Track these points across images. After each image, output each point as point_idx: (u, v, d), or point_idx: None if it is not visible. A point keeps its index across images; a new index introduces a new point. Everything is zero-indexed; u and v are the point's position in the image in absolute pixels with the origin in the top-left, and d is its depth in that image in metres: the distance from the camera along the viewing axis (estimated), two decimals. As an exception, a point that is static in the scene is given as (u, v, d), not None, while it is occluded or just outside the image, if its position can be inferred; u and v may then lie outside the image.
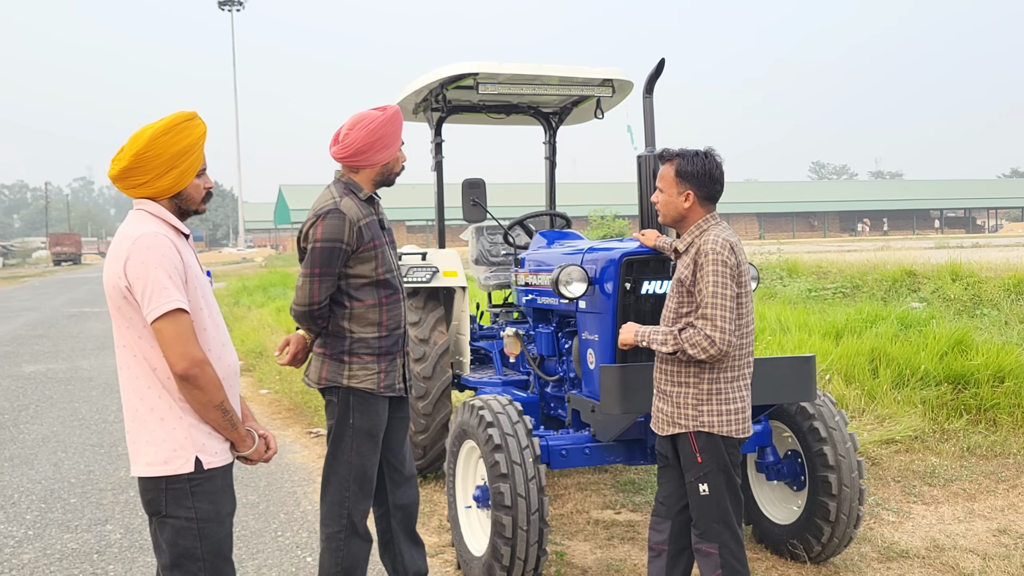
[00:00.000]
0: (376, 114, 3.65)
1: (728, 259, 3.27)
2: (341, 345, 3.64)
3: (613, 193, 53.75)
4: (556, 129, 6.71)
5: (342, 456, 3.67)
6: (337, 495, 3.68)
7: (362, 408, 3.64)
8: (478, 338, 6.47)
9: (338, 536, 3.68)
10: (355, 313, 3.62)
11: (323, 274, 3.53)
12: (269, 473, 6.51)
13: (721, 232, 3.36)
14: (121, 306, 2.62)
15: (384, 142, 3.64)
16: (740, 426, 3.38)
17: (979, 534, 4.99)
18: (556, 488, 5.90)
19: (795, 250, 22.72)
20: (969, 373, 7.26)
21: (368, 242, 3.59)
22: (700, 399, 3.36)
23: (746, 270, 3.38)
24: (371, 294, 3.63)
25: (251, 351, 12.49)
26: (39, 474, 6.66)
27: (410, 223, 67.20)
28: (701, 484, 3.40)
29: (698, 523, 3.45)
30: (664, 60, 4.23)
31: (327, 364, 3.67)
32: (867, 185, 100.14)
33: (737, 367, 3.38)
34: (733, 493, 3.42)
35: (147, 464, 2.65)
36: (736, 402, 3.37)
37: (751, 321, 3.42)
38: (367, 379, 3.63)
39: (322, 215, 3.53)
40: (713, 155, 3.46)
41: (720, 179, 3.45)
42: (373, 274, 3.62)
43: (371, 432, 3.67)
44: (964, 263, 12.52)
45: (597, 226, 35.87)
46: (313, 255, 3.52)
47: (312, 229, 3.54)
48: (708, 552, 3.41)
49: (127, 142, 2.69)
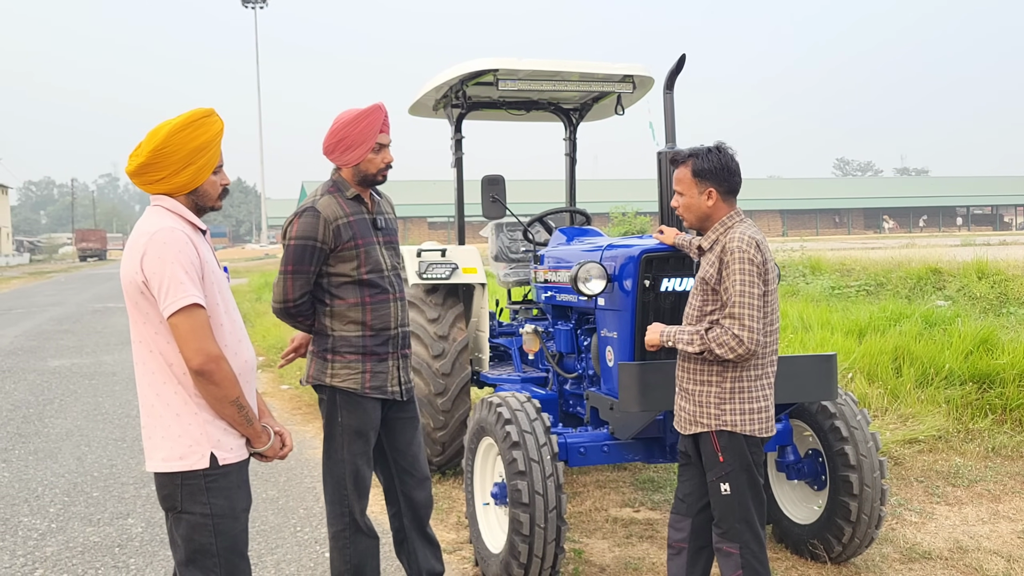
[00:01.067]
0: (348, 115, 3.60)
1: (755, 257, 3.23)
2: (325, 343, 3.65)
3: (635, 190, 53.56)
4: (576, 125, 6.68)
5: (335, 455, 3.68)
6: (336, 494, 3.70)
7: (349, 407, 3.64)
8: (497, 335, 6.47)
9: (343, 535, 3.70)
10: (335, 311, 3.61)
11: (295, 271, 3.53)
12: (289, 469, 6.54)
13: (747, 229, 3.32)
14: (138, 301, 2.63)
15: (347, 143, 3.57)
16: (763, 425, 3.35)
17: (1003, 535, 4.92)
18: (575, 485, 5.88)
19: (819, 247, 22.55)
20: (994, 372, 7.17)
21: (347, 241, 3.55)
22: (723, 398, 3.33)
23: (772, 267, 3.34)
24: (353, 293, 3.60)
25: (272, 347, 12.55)
26: (63, 468, 6.72)
27: (431, 219, 67.36)
28: (723, 483, 3.37)
29: (720, 522, 3.42)
30: (684, 56, 4.20)
31: (314, 362, 3.69)
32: (892, 182, 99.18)
33: (761, 366, 3.34)
34: (756, 493, 3.39)
35: (163, 460, 2.66)
36: (759, 401, 3.33)
37: (777, 319, 3.38)
38: (349, 378, 3.61)
39: (299, 213, 3.56)
40: (725, 148, 3.43)
41: (737, 171, 3.41)
42: (355, 273, 3.58)
43: (360, 431, 3.65)
44: (991, 261, 12.37)
45: (619, 223, 35.77)
46: (287, 252, 3.54)
47: (289, 227, 3.56)
48: (729, 552, 3.38)
49: (145, 138, 2.71)
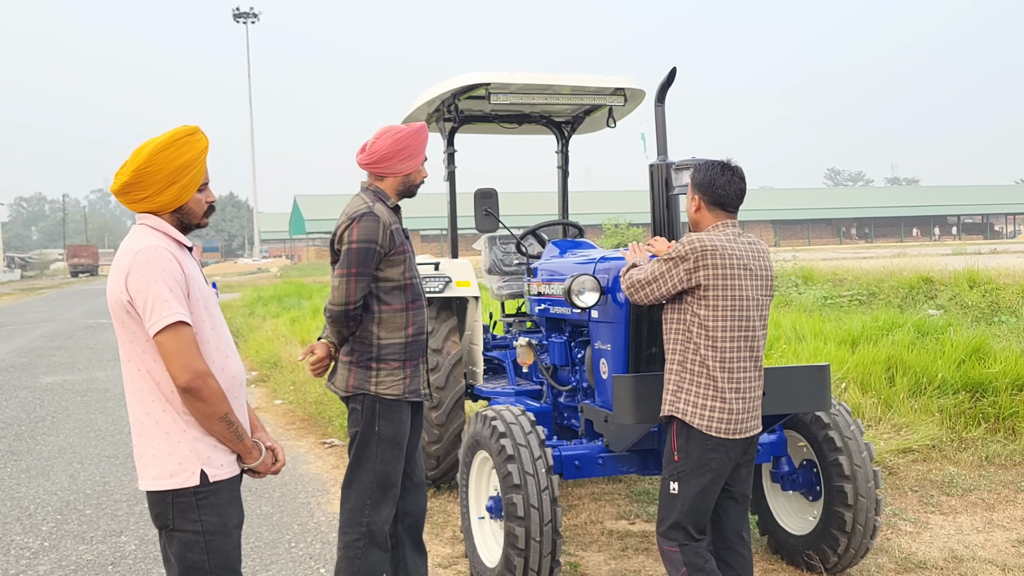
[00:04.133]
0: (406, 127, 3.80)
1: (680, 249, 3.47)
2: (369, 352, 3.70)
3: (628, 201, 53.62)
4: (568, 138, 6.70)
5: (367, 463, 3.69)
6: (358, 502, 3.69)
7: (388, 415, 3.68)
8: (491, 348, 6.46)
9: (356, 544, 3.68)
10: (383, 318, 3.70)
11: (359, 274, 3.62)
12: (283, 484, 6.51)
13: (707, 234, 3.52)
14: (124, 320, 2.63)
15: (408, 152, 3.77)
16: (719, 425, 3.43)
17: (998, 544, 4.93)
18: (570, 498, 5.87)
19: (811, 257, 22.62)
20: (987, 381, 7.19)
21: (399, 245, 3.71)
22: (680, 386, 3.51)
23: (725, 275, 3.44)
24: (399, 298, 3.72)
25: (266, 361, 12.52)
26: (55, 485, 6.69)
27: (425, 232, 67.37)
28: (672, 482, 3.51)
29: (661, 521, 3.55)
30: (675, 69, 4.24)
31: (354, 371, 3.71)
32: (883, 191, 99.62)
33: (726, 369, 3.45)
34: (704, 497, 3.49)
35: (153, 478, 2.65)
36: (715, 400, 3.43)
37: (748, 328, 3.48)
38: (394, 385, 3.69)
39: (356, 218, 3.63)
40: (719, 164, 3.63)
41: (724, 186, 3.59)
42: (401, 278, 3.72)
43: (396, 439, 3.71)
44: (982, 269, 12.42)
45: (612, 234, 35.81)
46: (349, 255, 3.61)
47: (347, 231, 3.63)
48: (669, 551, 3.52)
49: (129, 157, 2.71)
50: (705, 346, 3.45)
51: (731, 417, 3.44)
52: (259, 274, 50.82)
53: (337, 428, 8.02)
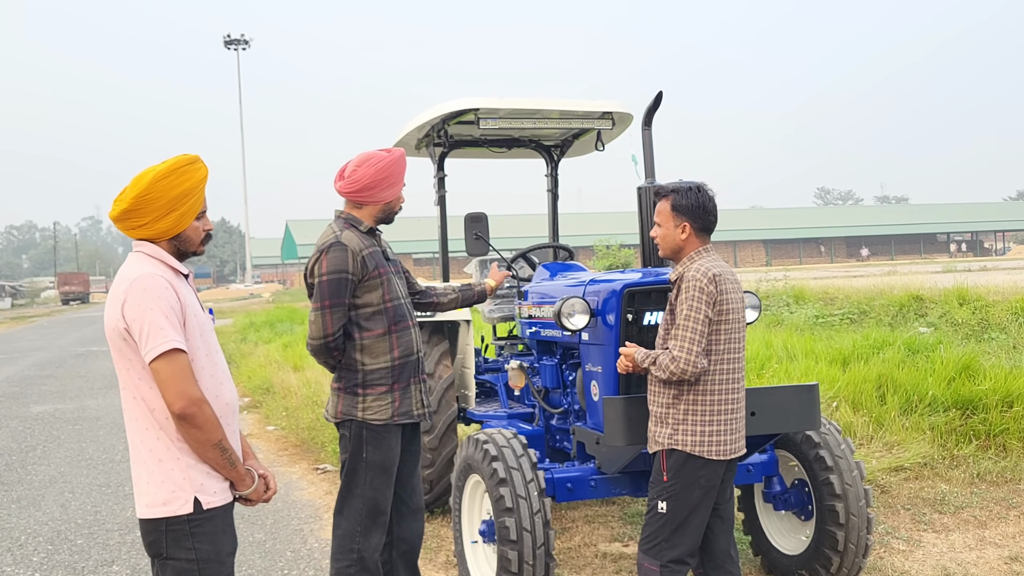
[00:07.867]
0: (383, 154, 3.80)
1: (706, 287, 3.40)
2: (355, 378, 3.71)
3: (619, 222, 53.84)
4: (557, 162, 6.75)
5: (356, 490, 3.70)
6: (348, 529, 3.69)
7: (375, 442, 3.68)
8: (483, 371, 6.47)
9: (347, 571, 3.69)
10: (365, 344, 3.70)
11: (333, 305, 3.63)
12: (275, 511, 6.49)
13: (706, 262, 3.50)
14: (121, 348, 2.65)
15: (390, 180, 3.79)
16: (718, 448, 3.45)
17: (990, 562, 4.94)
18: (563, 521, 5.87)
19: (802, 276, 22.70)
20: (978, 398, 7.21)
21: (372, 270, 3.70)
22: (678, 419, 3.48)
23: (732, 299, 3.47)
24: (380, 323, 3.71)
25: (258, 387, 12.49)
26: (46, 515, 6.65)
27: (417, 256, 67.35)
28: (661, 501, 3.51)
29: (646, 539, 3.54)
30: (662, 93, 4.31)
31: (342, 398, 3.73)
32: (873, 210, 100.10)
33: (717, 391, 3.46)
34: (695, 515, 3.49)
35: (147, 506, 2.66)
36: (713, 424, 3.44)
37: (737, 350, 3.51)
38: (380, 410, 3.69)
39: (324, 249, 3.66)
40: (705, 189, 3.62)
41: (713, 211, 3.59)
42: (380, 302, 3.72)
43: (384, 466, 3.71)
44: (971, 287, 12.48)
45: (603, 256, 35.92)
46: (321, 288, 3.63)
47: (317, 264, 3.66)
48: (650, 569, 3.51)
49: (129, 184, 2.73)
50: (711, 371, 3.45)
51: (725, 439, 3.46)
52: (251, 299, 50.71)
53: (330, 454, 8.00)
